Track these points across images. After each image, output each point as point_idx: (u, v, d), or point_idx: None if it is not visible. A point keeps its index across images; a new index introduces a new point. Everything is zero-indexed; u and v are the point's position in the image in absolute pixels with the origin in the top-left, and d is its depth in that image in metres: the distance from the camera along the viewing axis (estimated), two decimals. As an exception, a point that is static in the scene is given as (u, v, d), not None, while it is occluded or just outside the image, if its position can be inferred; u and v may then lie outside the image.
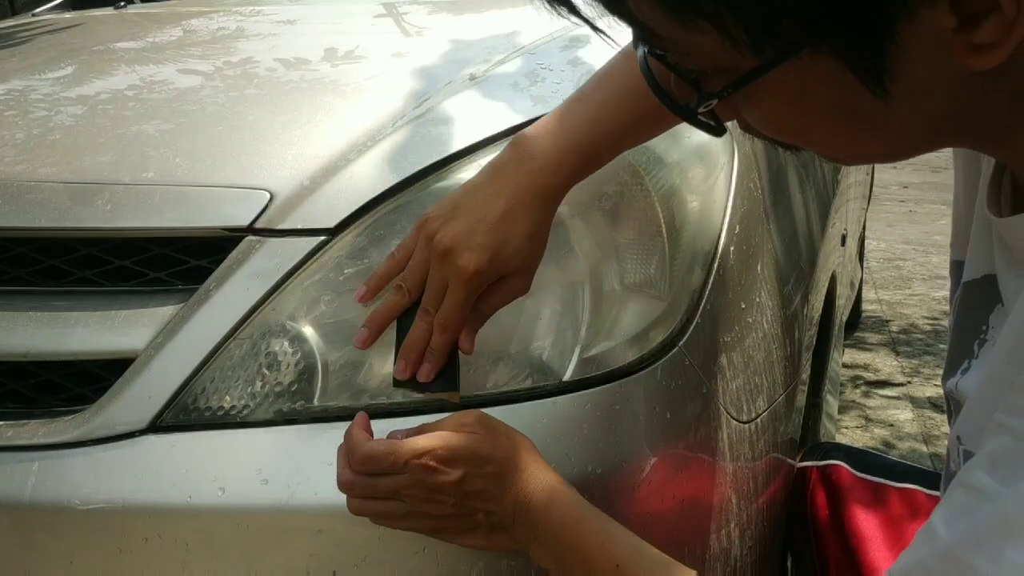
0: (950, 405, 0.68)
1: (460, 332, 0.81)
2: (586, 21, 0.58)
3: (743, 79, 0.53)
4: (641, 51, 0.60)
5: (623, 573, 0.71)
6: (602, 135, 0.83)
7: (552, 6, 0.57)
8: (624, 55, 0.85)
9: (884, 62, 0.49)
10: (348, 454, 0.77)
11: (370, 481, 0.76)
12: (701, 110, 0.57)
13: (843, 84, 0.51)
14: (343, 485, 0.77)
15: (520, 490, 0.76)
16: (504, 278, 0.82)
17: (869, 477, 1.20)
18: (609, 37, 0.59)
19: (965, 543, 0.47)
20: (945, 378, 0.68)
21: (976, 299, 0.65)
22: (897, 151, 0.58)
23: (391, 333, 0.84)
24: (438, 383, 0.82)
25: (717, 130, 0.60)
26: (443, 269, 0.80)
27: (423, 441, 0.75)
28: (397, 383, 0.82)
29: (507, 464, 0.76)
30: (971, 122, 0.54)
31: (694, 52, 0.54)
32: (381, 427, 0.82)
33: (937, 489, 1.14)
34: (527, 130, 0.84)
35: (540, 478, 0.76)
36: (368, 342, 0.83)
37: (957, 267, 0.72)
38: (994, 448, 0.48)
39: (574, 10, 0.58)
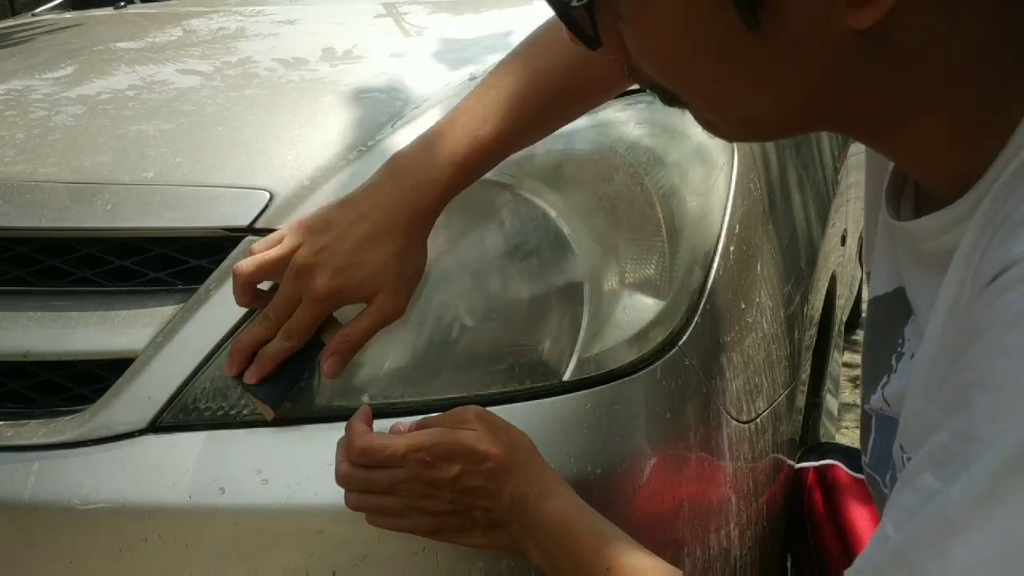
0: (869, 426, 0.67)
1: (301, 345, 0.80)
2: None
3: None
4: None
5: (614, 574, 0.71)
6: (479, 148, 0.81)
7: None
8: (508, 65, 0.85)
9: None
10: (347, 446, 0.77)
11: (367, 474, 0.76)
12: (574, 3, 0.54)
13: (721, 13, 0.50)
14: (340, 477, 0.77)
15: (518, 487, 0.75)
16: (372, 302, 0.80)
17: None
18: None
19: (913, 543, 0.47)
20: (865, 398, 0.67)
21: (887, 313, 0.64)
22: (769, 116, 0.56)
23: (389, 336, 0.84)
24: (261, 390, 0.81)
25: (591, 41, 0.57)
26: (295, 285, 0.79)
27: (421, 436, 0.75)
28: (242, 386, 0.82)
29: (505, 461, 0.76)
30: (848, 100, 0.53)
31: None
32: (380, 427, 0.82)
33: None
34: (404, 147, 0.83)
35: (538, 477, 0.76)
36: (233, 370, 0.82)
37: (870, 278, 0.71)
38: (932, 446, 0.48)
39: None
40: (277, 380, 0.81)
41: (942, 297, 0.53)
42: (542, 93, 0.83)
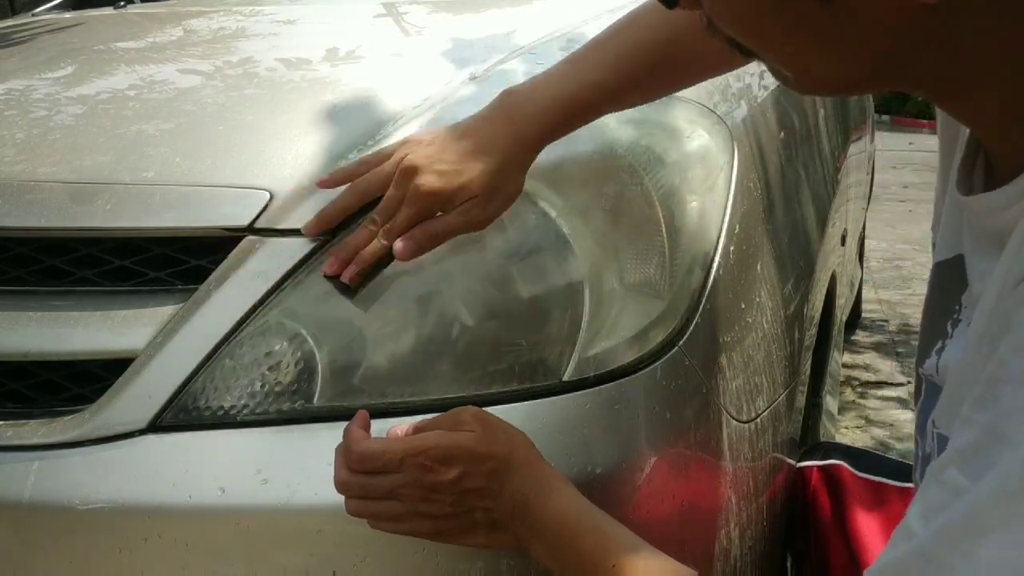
0: (920, 388, 0.68)
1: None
2: None
3: None
4: None
5: (619, 571, 0.71)
6: (587, 93, 0.87)
7: None
8: (617, 26, 0.89)
9: None
10: (345, 452, 0.77)
11: (366, 480, 0.76)
12: None
13: None
14: (340, 485, 0.77)
15: (518, 487, 0.75)
16: (464, 205, 0.85)
17: (870, 476, 1.20)
18: None
19: (940, 541, 0.47)
20: (920, 361, 0.68)
21: (948, 279, 0.65)
22: (839, 76, 0.58)
23: (387, 332, 0.84)
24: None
25: (668, 1, 0.60)
26: (402, 186, 0.85)
27: (419, 440, 0.75)
28: (325, 276, 0.86)
29: (504, 461, 0.76)
30: (914, 67, 0.55)
31: None
32: (380, 427, 0.82)
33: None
34: (517, 84, 0.89)
35: (538, 475, 0.76)
36: (333, 269, 0.86)
37: (935, 245, 0.72)
38: (962, 443, 0.48)
39: None
40: None
41: (992, 280, 0.53)
42: (648, 57, 0.88)
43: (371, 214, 0.86)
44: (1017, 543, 0.44)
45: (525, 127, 0.86)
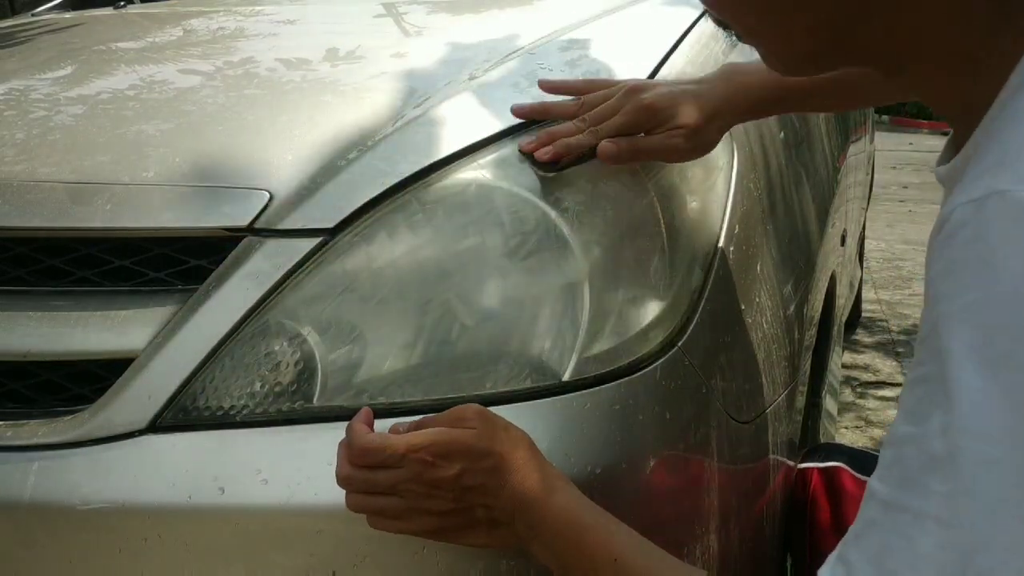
0: None
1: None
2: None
3: None
4: None
5: (622, 567, 0.72)
6: (800, 82, 0.96)
7: None
8: None
9: None
10: (347, 447, 0.77)
11: (369, 475, 0.76)
12: None
13: None
14: (341, 479, 0.77)
15: (519, 485, 0.76)
16: (668, 132, 0.94)
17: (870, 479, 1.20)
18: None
19: (898, 488, 0.50)
20: None
21: None
22: (793, 51, 0.63)
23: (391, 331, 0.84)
24: (546, 167, 0.92)
25: None
26: (623, 99, 0.95)
27: (420, 435, 0.76)
28: (520, 151, 0.93)
29: (505, 459, 0.76)
30: (859, 42, 0.59)
31: None
32: (380, 426, 0.82)
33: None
34: (740, 61, 1.00)
35: (539, 473, 0.77)
36: (532, 146, 0.93)
37: None
38: (906, 402, 0.51)
39: None
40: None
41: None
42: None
43: (584, 115, 0.94)
44: (963, 470, 0.46)
45: (738, 93, 0.97)
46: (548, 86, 1.00)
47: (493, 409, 0.81)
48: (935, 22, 0.56)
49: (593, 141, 0.92)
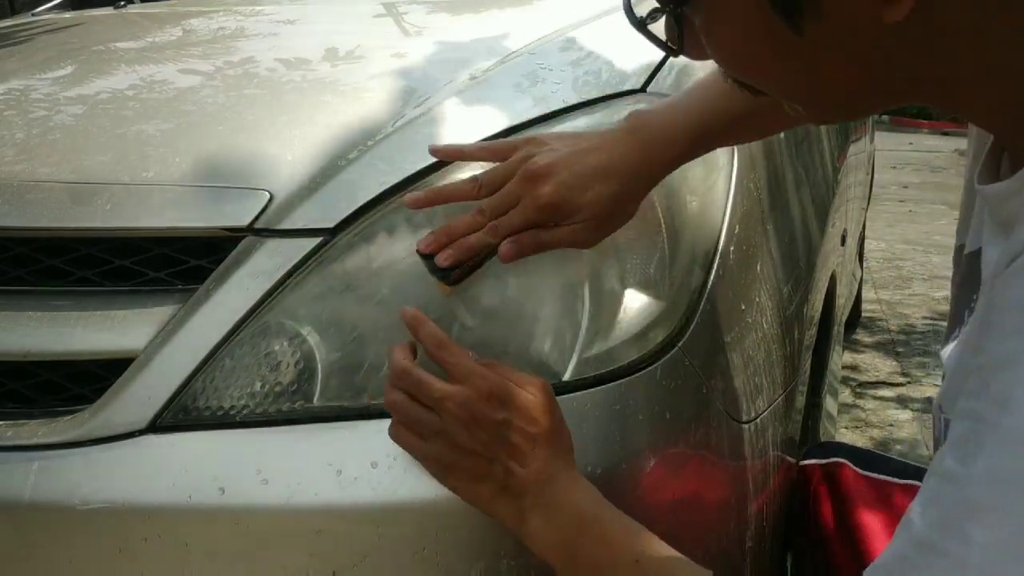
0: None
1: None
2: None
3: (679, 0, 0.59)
4: None
5: (643, 567, 0.71)
6: (713, 121, 0.87)
7: None
8: None
9: (799, 2, 0.54)
10: (428, 338, 0.78)
11: (426, 377, 0.77)
12: (648, 21, 0.64)
13: (770, 20, 0.55)
14: (399, 366, 0.78)
15: (548, 464, 0.76)
16: (574, 224, 0.84)
17: (873, 475, 1.20)
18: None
19: (937, 528, 0.48)
20: (942, 348, 0.71)
21: (971, 271, 0.66)
22: (837, 101, 0.61)
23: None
24: (444, 273, 0.84)
25: (671, 50, 0.65)
26: (522, 188, 0.84)
27: (490, 372, 0.77)
28: (419, 253, 0.85)
29: (548, 436, 0.77)
30: (905, 80, 0.57)
31: None
32: (380, 426, 0.82)
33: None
34: (644, 108, 0.89)
35: (568, 465, 0.78)
36: (429, 248, 0.84)
37: (958, 252, 0.73)
38: (957, 433, 0.50)
39: None
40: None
41: (989, 265, 0.56)
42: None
43: (482, 204, 0.85)
44: (1007, 523, 0.45)
45: (656, 153, 0.86)
46: (440, 152, 0.90)
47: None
48: (987, 49, 0.54)
49: (494, 240, 0.83)
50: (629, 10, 0.66)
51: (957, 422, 0.50)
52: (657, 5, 0.62)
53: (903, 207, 6.35)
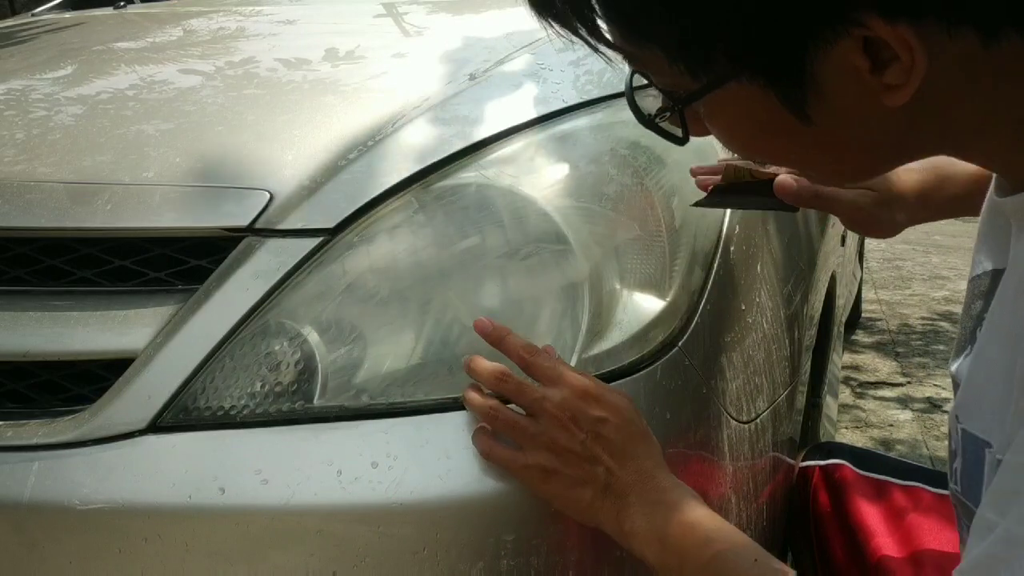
0: (954, 388, 0.71)
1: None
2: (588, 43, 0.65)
3: (688, 98, 0.62)
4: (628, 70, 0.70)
5: (761, 566, 0.71)
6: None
7: (543, 18, 0.65)
8: None
9: (804, 93, 0.57)
10: (520, 346, 0.81)
11: (522, 383, 0.79)
12: (657, 120, 0.67)
13: (777, 109, 0.59)
14: (496, 371, 0.80)
15: (645, 463, 0.78)
16: (862, 194, 0.93)
17: (873, 475, 1.20)
18: (607, 57, 0.66)
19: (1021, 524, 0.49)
20: (951, 365, 0.72)
21: (982, 291, 0.67)
22: (847, 169, 0.66)
23: (389, 333, 0.84)
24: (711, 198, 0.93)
25: (679, 140, 0.70)
26: None
27: (584, 375, 0.80)
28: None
29: (644, 434, 0.79)
30: (912, 145, 0.62)
31: (653, 70, 0.64)
32: (380, 426, 0.82)
33: (942, 488, 1.14)
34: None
35: (663, 463, 0.79)
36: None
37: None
38: None
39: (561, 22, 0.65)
40: (728, 197, 0.94)
41: (1011, 272, 0.57)
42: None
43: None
44: None
45: (936, 189, 0.98)
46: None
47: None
48: (983, 109, 0.57)
49: (769, 172, 0.90)
50: (635, 109, 0.69)
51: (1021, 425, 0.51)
52: (662, 104, 0.66)
53: (903, 207, 6.34)
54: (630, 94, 0.70)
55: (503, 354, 0.82)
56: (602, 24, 0.61)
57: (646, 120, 0.68)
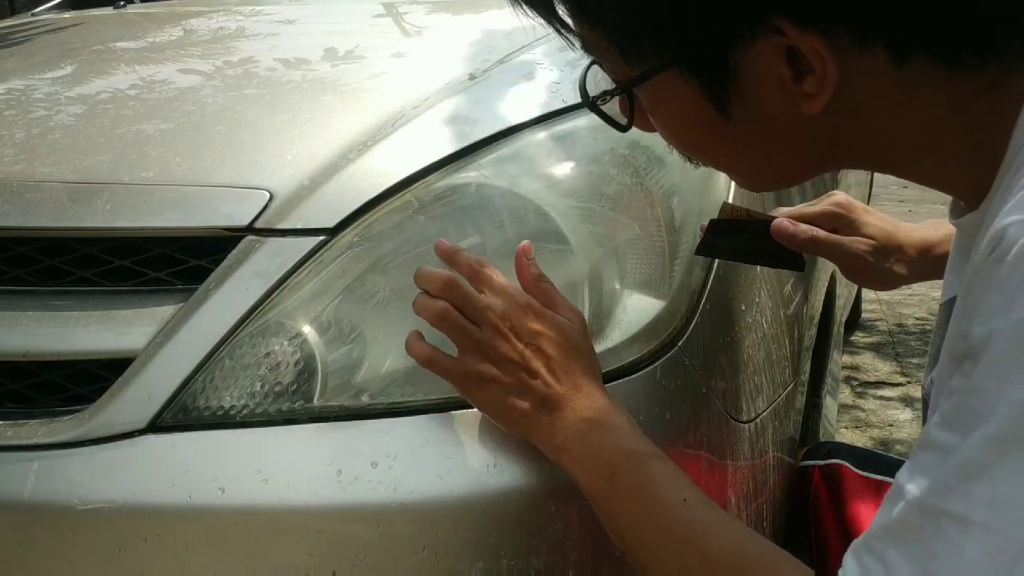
0: (925, 412, 0.73)
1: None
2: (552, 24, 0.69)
3: (626, 85, 0.65)
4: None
5: (690, 507, 0.69)
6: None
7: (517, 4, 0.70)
8: None
9: (726, 90, 0.61)
10: (470, 260, 0.81)
11: (469, 291, 0.79)
12: (598, 102, 0.70)
13: (704, 106, 0.62)
14: (445, 277, 0.79)
15: (582, 379, 0.77)
16: (852, 238, 0.97)
17: (872, 475, 1.20)
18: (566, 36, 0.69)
19: (937, 493, 0.50)
20: (924, 385, 0.74)
21: (945, 318, 0.69)
22: (776, 175, 0.69)
23: (389, 330, 0.84)
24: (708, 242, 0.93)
25: (621, 127, 0.72)
26: (825, 197, 1.02)
27: (536, 293, 0.81)
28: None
29: (581, 353, 0.79)
30: (840, 153, 0.64)
31: (600, 55, 0.67)
32: (380, 426, 0.82)
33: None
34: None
35: (602, 385, 0.79)
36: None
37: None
38: (947, 408, 0.52)
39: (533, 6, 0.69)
40: (727, 240, 0.94)
41: (961, 288, 0.58)
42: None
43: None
44: (1009, 479, 0.47)
45: (933, 237, 1.01)
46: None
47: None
48: (911, 129, 0.60)
49: (767, 215, 0.94)
50: (583, 91, 0.71)
51: (944, 400, 0.53)
52: (616, 85, 0.68)
53: (903, 207, 6.34)
54: (583, 75, 0.72)
55: (454, 268, 0.82)
56: (559, 6, 0.66)
57: (588, 102, 0.70)
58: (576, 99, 1.01)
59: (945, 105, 0.58)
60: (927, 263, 1.00)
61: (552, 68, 1.09)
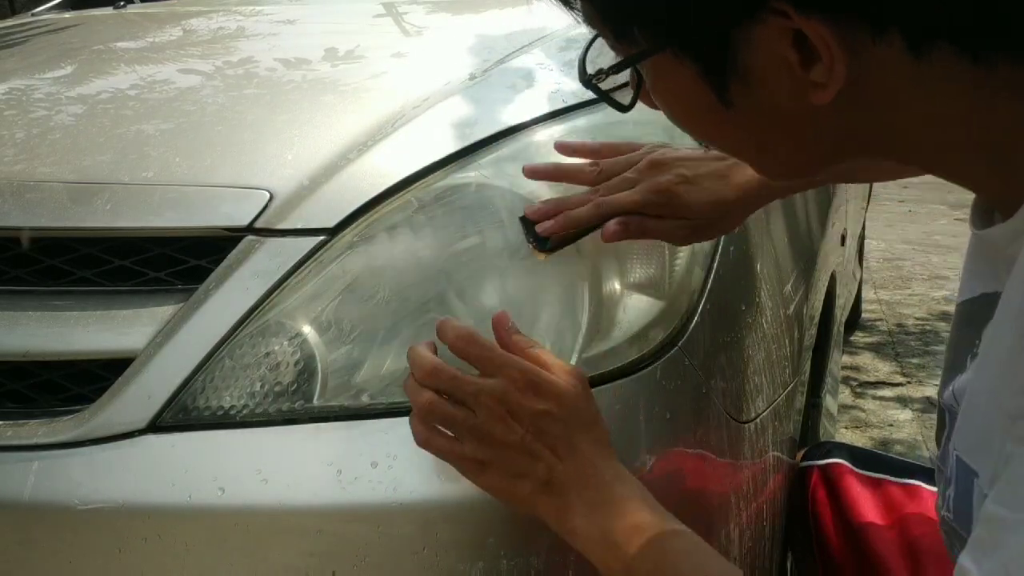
0: (942, 417, 0.69)
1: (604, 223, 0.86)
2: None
3: (623, 64, 0.62)
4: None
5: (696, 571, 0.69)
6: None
7: None
8: None
9: (726, 75, 0.57)
10: (456, 337, 0.76)
11: (457, 375, 0.74)
12: (595, 81, 0.67)
13: (704, 90, 0.58)
14: (428, 363, 0.75)
15: (588, 456, 0.74)
16: (678, 221, 0.87)
17: (871, 474, 1.20)
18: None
19: (1001, 574, 0.48)
20: (940, 393, 0.69)
21: (970, 317, 0.65)
22: (783, 163, 0.64)
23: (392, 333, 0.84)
24: (544, 242, 0.87)
25: (622, 108, 0.70)
26: (641, 174, 0.88)
27: (524, 361, 0.75)
28: (523, 218, 0.88)
29: (587, 427, 0.75)
30: (858, 147, 0.60)
31: (601, 32, 0.63)
32: (380, 426, 0.82)
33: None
34: None
35: (609, 456, 0.75)
36: (535, 216, 0.88)
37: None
38: (1007, 478, 0.49)
39: None
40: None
41: (1006, 302, 0.55)
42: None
43: (600, 188, 0.88)
44: None
45: None
46: (566, 149, 0.93)
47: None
48: (934, 124, 0.56)
49: (595, 218, 0.86)
50: (581, 68, 0.68)
51: (1004, 468, 0.50)
52: (612, 63, 0.65)
53: (903, 207, 6.34)
54: (583, 52, 0.69)
55: (443, 341, 0.78)
56: None
57: (586, 80, 0.68)
58: (576, 99, 1.02)
59: (969, 103, 0.54)
60: (761, 199, 0.93)
61: (552, 68, 1.09)
